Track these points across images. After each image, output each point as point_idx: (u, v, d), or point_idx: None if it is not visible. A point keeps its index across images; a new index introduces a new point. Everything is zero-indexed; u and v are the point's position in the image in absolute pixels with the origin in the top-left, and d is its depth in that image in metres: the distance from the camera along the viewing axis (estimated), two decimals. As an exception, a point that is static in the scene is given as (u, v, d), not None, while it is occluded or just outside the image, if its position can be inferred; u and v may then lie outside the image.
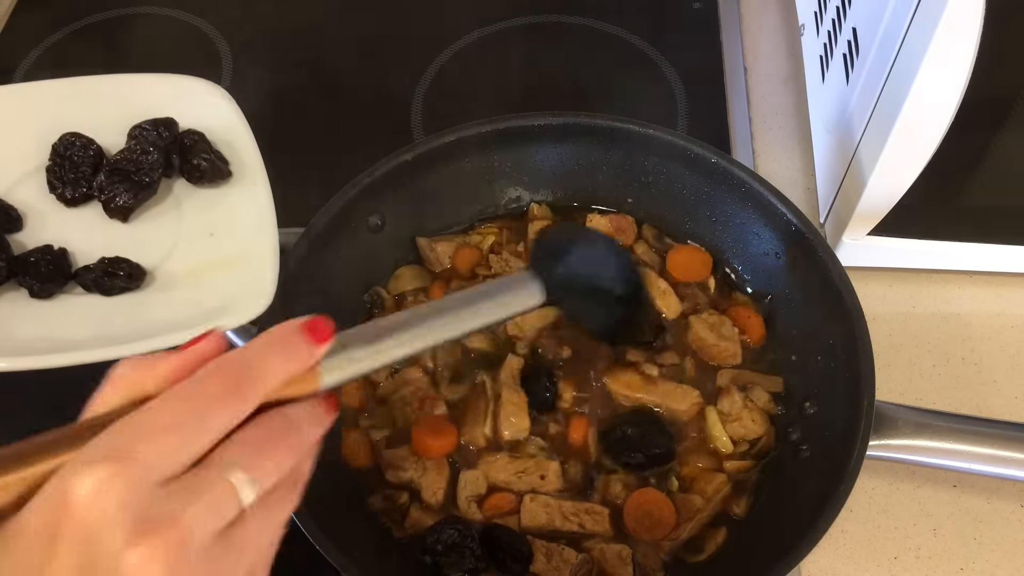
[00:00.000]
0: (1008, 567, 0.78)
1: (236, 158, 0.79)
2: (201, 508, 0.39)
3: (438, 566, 0.72)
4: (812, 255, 0.80)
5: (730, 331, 0.84)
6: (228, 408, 0.41)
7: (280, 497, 0.43)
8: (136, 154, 0.76)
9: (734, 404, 0.80)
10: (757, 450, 0.79)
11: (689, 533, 0.75)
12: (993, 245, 0.88)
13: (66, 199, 0.77)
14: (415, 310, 0.53)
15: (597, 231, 0.84)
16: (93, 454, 0.38)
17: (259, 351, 0.43)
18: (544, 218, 0.91)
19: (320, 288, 0.80)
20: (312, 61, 1.16)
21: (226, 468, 0.40)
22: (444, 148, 0.86)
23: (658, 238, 0.90)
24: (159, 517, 0.37)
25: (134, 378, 0.42)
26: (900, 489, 0.82)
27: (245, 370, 0.42)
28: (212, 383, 0.41)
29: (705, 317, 0.85)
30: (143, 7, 1.21)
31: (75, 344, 0.68)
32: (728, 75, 1.11)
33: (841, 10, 0.92)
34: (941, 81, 0.71)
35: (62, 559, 0.37)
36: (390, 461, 0.77)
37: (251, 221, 0.75)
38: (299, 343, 0.45)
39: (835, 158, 0.91)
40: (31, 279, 0.71)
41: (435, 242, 0.89)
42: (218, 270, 0.73)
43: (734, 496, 0.77)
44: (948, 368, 0.89)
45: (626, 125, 0.87)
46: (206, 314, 0.70)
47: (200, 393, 0.41)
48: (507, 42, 1.16)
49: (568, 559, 0.73)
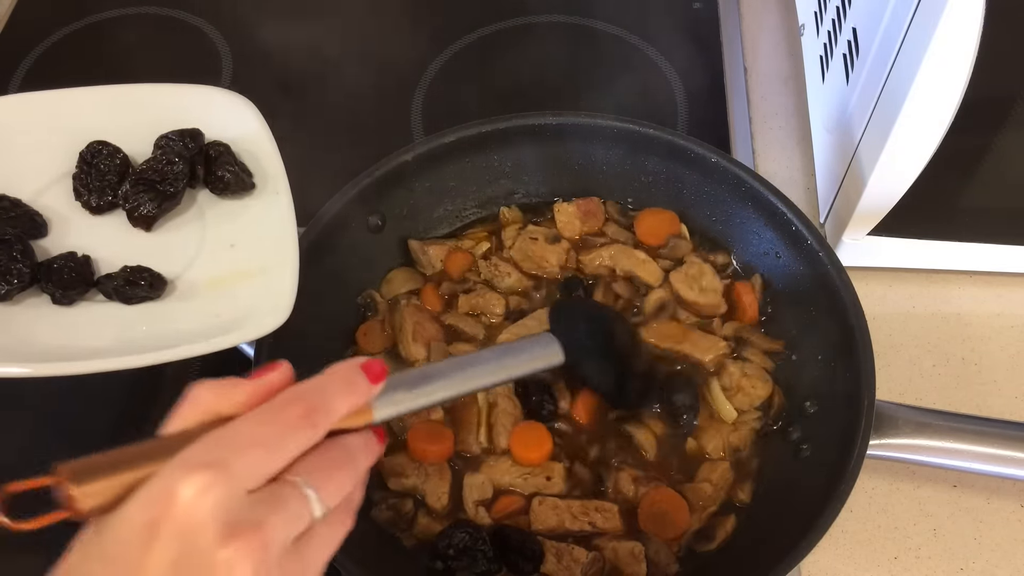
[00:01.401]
0: (1008, 567, 0.78)
1: (260, 170, 0.80)
2: (282, 517, 0.44)
3: (451, 570, 0.72)
4: (812, 255, 0.80)
5: (711, 282, 0.85)
6: (303, 433, 0.46)
7: (339, 518, 0.48)
8: (161, 164, 0.76)
9: (732, 376, 0.81)
10: (774, 413, 0.80)
11: (699, 523, 0.75)
12: (993, 245, 0.88)
13: (91, 207, 0.77)
14: (452, 360, 0.61)
15: (599, 305, 0.85)
16: (193, 461, 0.43)
17: (328, 386, 0.49)
18: (515, 221, 0.91)
19: (318, 289, 0.80)
20: (312, 61, 1.16)
21: (301, 485, 0.45)
22: (444, 148, 0.87)
23: (622, 212, 0.91)
24: (248, 521, 0.42)
25: (212, 401, 0.47)
26: (900, 489, 0.82)
27: (318, 401, 0.47)
28: (291, 411, 0.46)
29: (685, 270, 0.85)
30: (143, 7, 1.21)
31: (95, 352, 0.68)
32: (728, 75, 1.11)
33: (841, 10, 0.92)
34: (941, 81, 0.71)
35: (160, 551, 0.41)
36: (391, 469, 0.77)
37: (272, 233, 0.76)
38: (359, 381, 0.50)
39: (835, 158, 0.91)
40: (53, 286, 0.71)
41: (427, 245, 0.89)
42: (238, 282, 0.74)
43: (738, 482, 0.77)
44: (948, 368, 0.89)
45: (626, 125, 0.87)
46: (224, 326, 0.70)
47: (281, 418, 0.46)
48: (507, 42, 1.16)
49: (579, 558, 0.73)
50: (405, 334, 0.83)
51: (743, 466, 0.78)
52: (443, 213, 0.91)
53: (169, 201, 0.77)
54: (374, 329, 0.84)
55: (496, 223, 0.92)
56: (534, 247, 0.87)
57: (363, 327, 0.85)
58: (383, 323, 0.85)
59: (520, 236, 0.89)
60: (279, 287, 0.71)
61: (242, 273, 0.74)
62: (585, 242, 0.90)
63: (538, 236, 0.88)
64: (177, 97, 0.83)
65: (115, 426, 0.87)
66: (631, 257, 0.87)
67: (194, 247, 0.77)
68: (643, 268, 0.86)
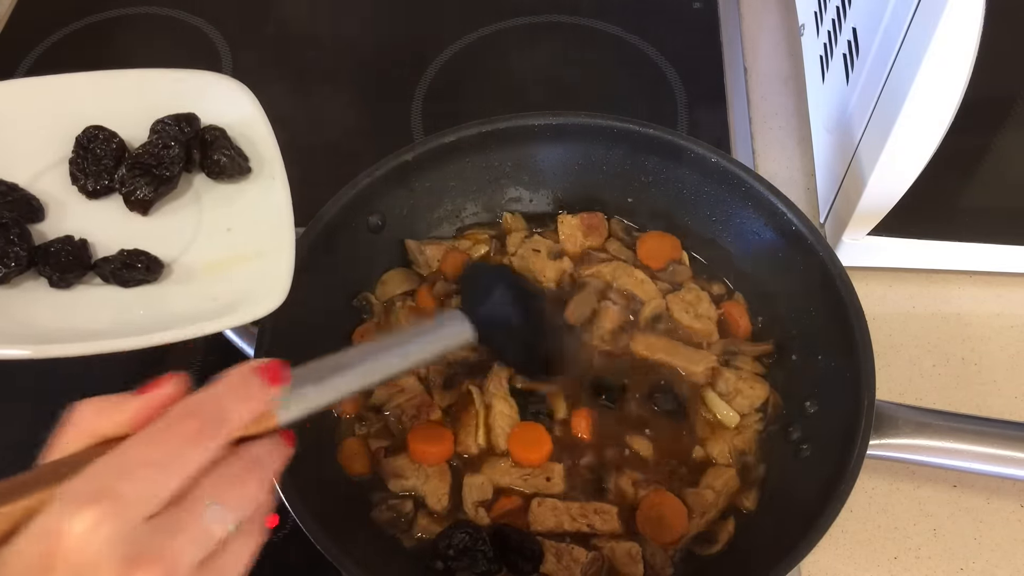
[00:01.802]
0: (1008, 567, 0.78)
1: (255, 153, 0.80)
2: (184, 541, 0.42)
3: (451, 571, 0.72)
4: (812, 255, 0.80)
5: (706, 309, 0.85)
6: (200, 448, 0.44)
7: (250, 528, 0.46)
8: (157, 148, 0.76)
9: (728, 381, 0.81)
10: (770, 413, 0.80)
11: (698, 529, 0.75)
12: (993, 245, 0.88)
13: (88, 191, 0.77)
14: (360, 348, 0.59)
15: (509, 272, 0.85)
16: (80, 493, 0.41)
17: (222, 394, 0.47)
18: (518, 228, 0.91)
19: (317, 291, 0.80)
20: (311, 61, 1.16)
21: (203, 503, 0.43)
22: (444, 148, 0.86)
23: (627, 231, 0.91)
24: (147, 551, 0.40)
25: (96, 421, 0.45)
26: (900, 489, 0.82)
27: (212, 413, 0.45)
28: (184, 426, 0.44)
29: (682, 295, 0.86)
30: (143, 7, 1.21)
31: (93, 334, 0.68)
32: (728, 75, 1.11)
33: (841, 10, 0.92)
34: (941, 81, 0.71)
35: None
36: (391, 470, 0.77)
37: (269, 217, 0.76)
38: (256, 386, 0.48)
39: (835, 158, 0.91)
40: (51, 269, 0.72)
41: (425, 244, 0.89)
42: (235, 265, 0.74)
43: (743, 490, 0.77)
44: (948, 368, 0.89)
45: (626, 125, 0.87)
46: (220, 309, 0.70)
47: (174, 435, 0.44)
48: (507, 42, 1.16)
49: (578, 558, 0.73)
50: (400, 336, 0.83)
51: (749, 472, 0.78)
52: (443, 213, 0.91)
53: (165, 185, 0.77)
54: (370, 331, 0.84)
55: (498, 227, 0.92)
56: (535, 259, 0.87)
57: (359, 329, 0.85)
58: (379, 325, 0.85)
59: (524, 244, 0.89)
60: (275, 271, 0.71)
61: (239, 257, 0.74)
62: (586, 256, 0.90)
63: (541, 249, 0.88)
64: (173, 82, 0.83)
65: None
66: (630, 276, 0.87)
67: (191, 231, 0.77)
68: (641, 288, 0.86)
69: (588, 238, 0.90)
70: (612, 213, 0.92)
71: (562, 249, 0.89)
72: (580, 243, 0.89)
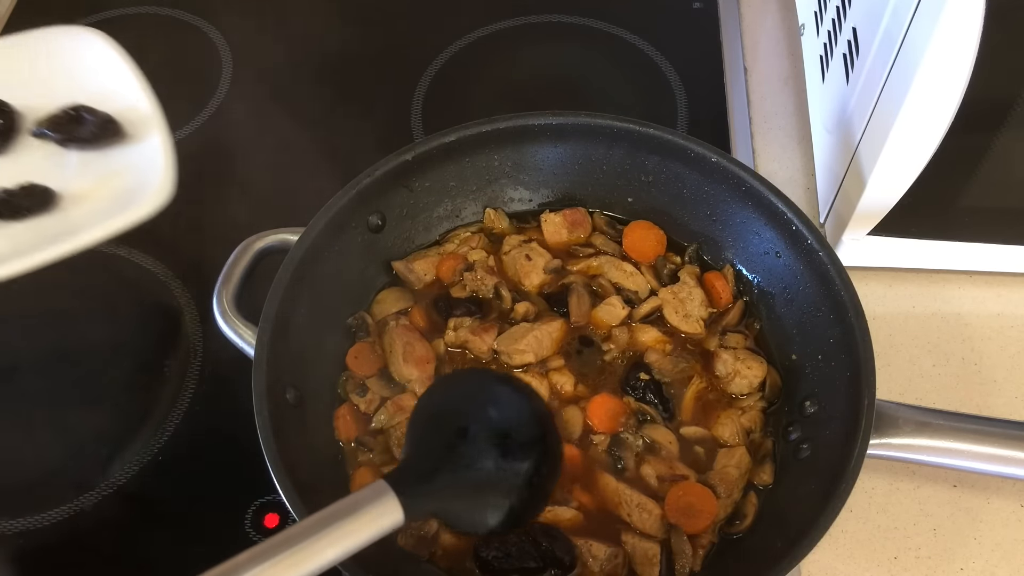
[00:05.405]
0: (1008, 567, 0.78)
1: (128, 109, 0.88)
2: None
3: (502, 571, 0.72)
4: (812, 255, 0.80)
5: (696, 309, 0.85)
6: None
7: None
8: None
9: (727, 363, 0.82)
10: (768, 392, 0.81)
11: (726, 511, 0.76)
12: (993, 245, 0.88)
13: None
14: (255, 551, 0.51)
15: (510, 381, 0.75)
16: None
17: None
18: (501, 225, 0.91)
19: (316, 292, 0.80)
20: (312, 61, 1.16)
21: None
22: (444, 148, 0.86)
23: (610, 224, 0.91)
24: None
25: None
26: (900, 489, 0.82)
27: None
28: None
29: (675, 290, 0.86)
30: (143, 7, 1.21)
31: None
32: (728, 75, 1.12)
33: (841, 10, 0.92)
34: (941, 81, 0.71)
35: None
36: None
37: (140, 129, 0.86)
38: None
39: (835, 158, 0.91)
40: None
41: (411, 262, 0.88)
42: (117, 178, 0.85)
43: (757, 465, 0.78)
44: (948, 368, 0.89)
45: (626, 125, 0.87)
46: (114, 212, 0.80)
47: None
48: (507, 42, 1.16)
49: (597, 554, 0.73)
50: (395, 355, 0.82)
51: (758, 448, 0.79)
52: (443, 213, 0.91)
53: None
54: (364, 351, 0.83)
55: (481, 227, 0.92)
56: (524, 264, 0.88)
57: (353, 349, 0.84)
58: (373, 345, 0.84)
59: (519, 248, 0.89)
60: (157, 167, 0.81)
61: (117, 173, 0.85)
62: (572, 252, 0.90)
63: (533, 257, 0.88)
64: (24, 48, 0.95)
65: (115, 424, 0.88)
66: (618, 269, 0.87)
67: (74, 166, 0.87)
68: (630, 280, 0.87)
69: (572, 234, 0.90)
70: (616, 213, 0.92)
71: (560, 265, 0.88)
72: (564, 239, 0.90)
